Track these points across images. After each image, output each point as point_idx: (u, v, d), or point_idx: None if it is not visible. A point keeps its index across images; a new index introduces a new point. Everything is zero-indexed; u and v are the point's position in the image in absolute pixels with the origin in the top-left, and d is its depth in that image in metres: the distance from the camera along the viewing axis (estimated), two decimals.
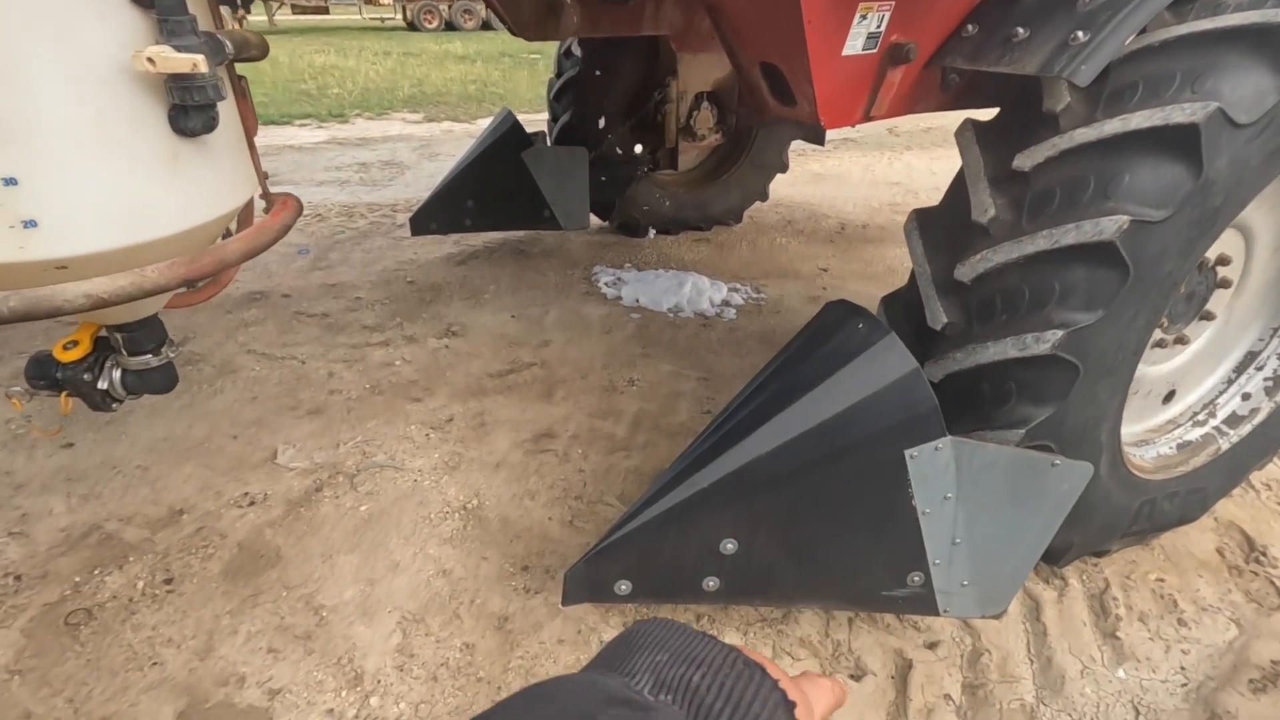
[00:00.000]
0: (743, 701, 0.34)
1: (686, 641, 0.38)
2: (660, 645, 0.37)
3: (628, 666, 0.36)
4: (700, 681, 0.35)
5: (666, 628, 0.39)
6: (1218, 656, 1.64)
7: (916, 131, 7.28)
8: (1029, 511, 1.41)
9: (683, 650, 0.37)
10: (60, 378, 1.26)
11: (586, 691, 0.33)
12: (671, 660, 0.36)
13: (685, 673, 0.35)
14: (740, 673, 0.36)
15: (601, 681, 0.35)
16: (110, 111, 0.89)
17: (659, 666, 0.36)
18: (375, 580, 1.75)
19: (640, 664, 0.36)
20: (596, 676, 0.36)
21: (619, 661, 0.37)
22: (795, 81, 1.43)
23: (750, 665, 0.37)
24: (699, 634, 0.38)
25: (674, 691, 0.34)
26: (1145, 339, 1.43)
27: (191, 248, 1.02)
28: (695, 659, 0.36)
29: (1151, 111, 1.21)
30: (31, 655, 1.53)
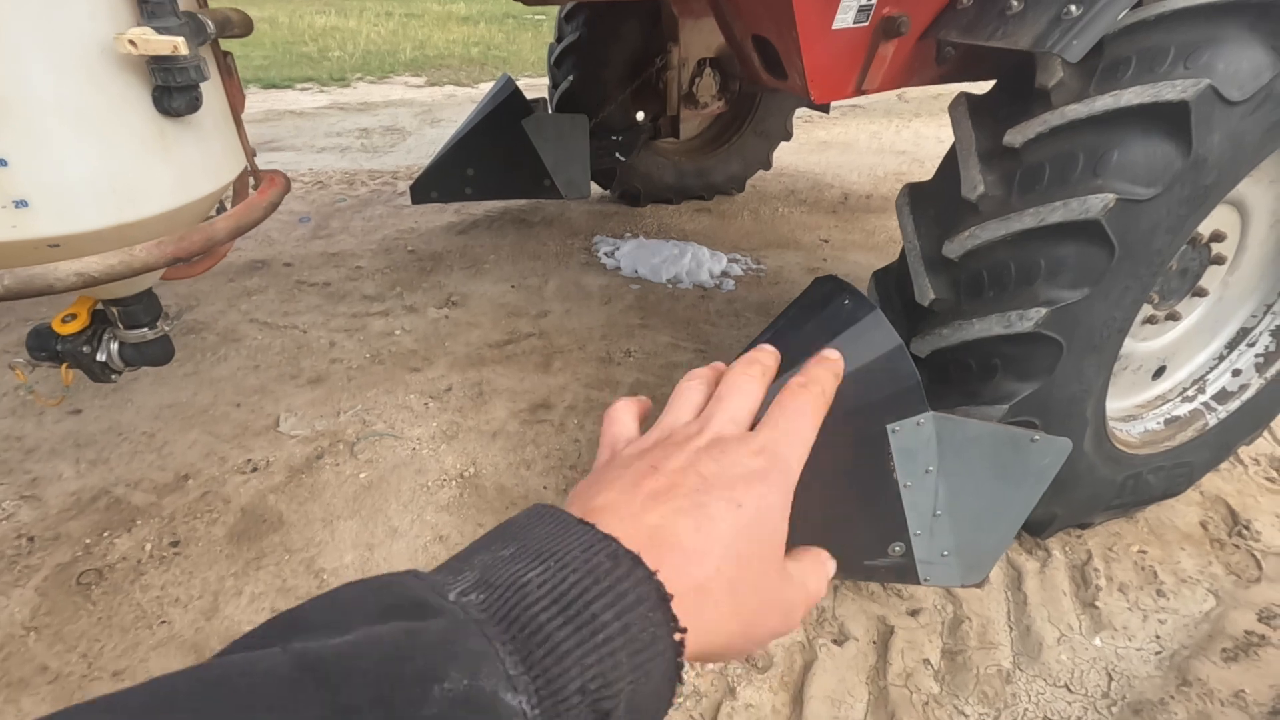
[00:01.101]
0: (579, 600, 0.28)
1: (551, 534, 0.32)
2: (516, 537, 0.32)
3: (465, 563, 0.31)
4: (533, 579, 0.29)
5: (539, 516, 0.34)
6: (1193, 626, 1.68)
7: (926, 98, 7.15)
8: (1009, 485, 1.44)
9: (537, 543, 0.31)
10: (60, 350, 1.30)
11: (372, 597, 0.29)
12: (515, 555, 0.31)
13: (520, 570, 0.30)
14: (595, 567, 0.30)
15: (399, 588, 0.30)
16: (97, 92, 0.90)
17: (496, 562, 0.30)
18: (374, 545, 1.81)
19: (480, 560, 0.31)
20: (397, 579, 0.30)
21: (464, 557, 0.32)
22: (786, 55, 1.42)
23: (617, 557, 0.31)
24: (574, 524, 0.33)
25: (492, 590, 0.29)
26: (1133, 316, 1.43)
27: (180, 225, 1.04)
28: (544, 553, 0.31)
29: (1143, 88, 1.20)
30: (46, 613, 1.60)
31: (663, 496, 0.37)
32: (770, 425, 0.43)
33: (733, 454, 0.40)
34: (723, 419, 0.44)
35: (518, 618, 0.28)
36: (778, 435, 0.42)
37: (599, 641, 0.29)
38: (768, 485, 0.39)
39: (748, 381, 0.48)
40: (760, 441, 0.42)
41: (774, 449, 0.41)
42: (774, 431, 0.43)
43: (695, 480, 0.38)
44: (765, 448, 0.41)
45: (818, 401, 0.46)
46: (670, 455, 0.40)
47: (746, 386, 0.47)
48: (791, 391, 0.45)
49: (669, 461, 0.40)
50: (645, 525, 0.35)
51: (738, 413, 0.45)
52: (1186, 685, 1.54)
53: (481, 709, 0.26)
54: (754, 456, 0.40)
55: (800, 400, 0.45)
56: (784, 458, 0.41)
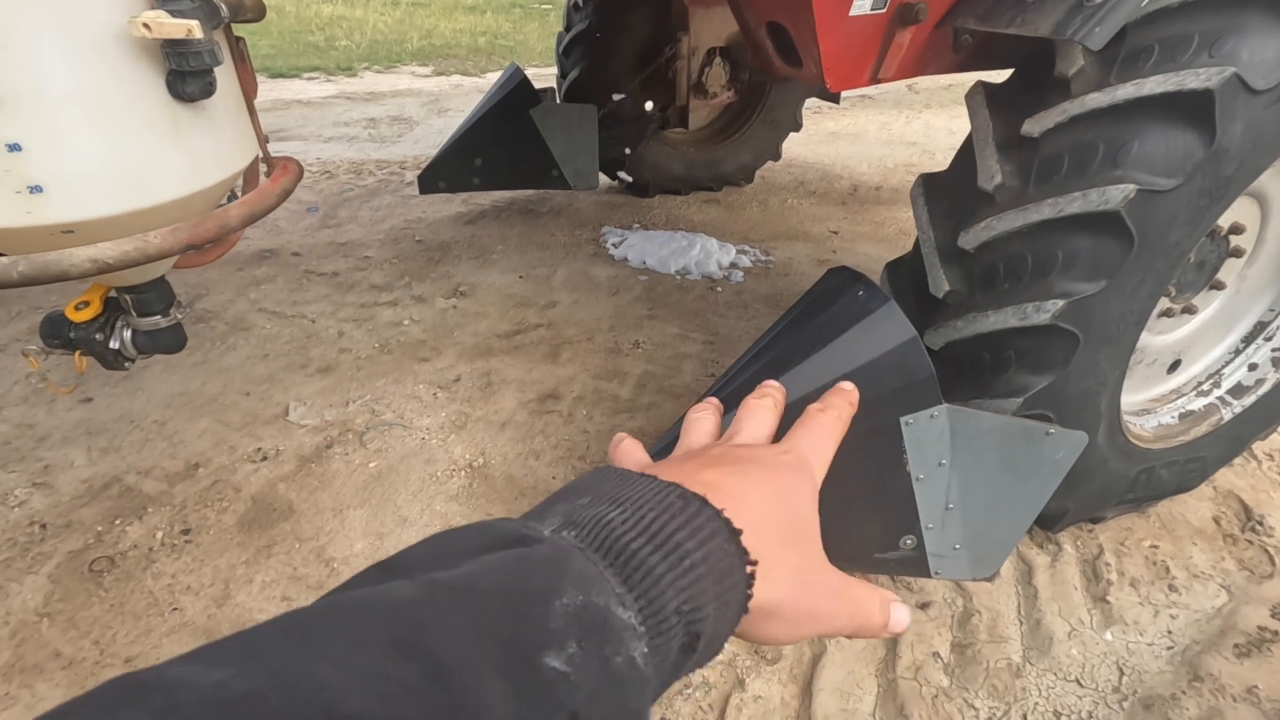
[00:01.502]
0: (662, 532, 0.31)
1: (620, 484, 0.34)
2: (589, 489, 0.35)
3: (547, 512, 0.34)
4: (615, 516, 0.31)
5: (606, 474, 0.36)
6: (1205, 621, 1.67)
7: (937, 89, 7.08)
8: (1022, 479, 1.43)
9: (611, 491, 0.34)
10: (73, 337, 1.30)
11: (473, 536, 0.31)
12: (593, 501, 0.33)
13: (601, 510, 0.32)
14: (669, 505, 0.32)
15: (497, 526, 0.32)
16: (110, 77, 0.89)
17: (576, 509, 0.33)
18: (384, 534, 1.81)
19: (559, 509, 0.33)
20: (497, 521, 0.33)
21: (543, 509, 0.35)
22: (801, 42, 1.40)
23: (686, 497, 0.33)
24: (638, 475, 0.35)
25: (580, 528, 0.31)
26: (1149, 309, 1.42)
27: (194, 212, 1.03)
28: (620, 498, 0.33)
29: (1165, 76, 1.18)
30: (59, 599, 1.61)
31: (710, 464, 0.40)
32: (794, 436, 0.46)
33: (760, 450, 0.44)
34: (744, 436, 0.48)
35: (611, 547, 0.30)
36: (801, 445, 0.45)
37: (687, 567, 0.31)
38: (796, 476, 0.42)
39: (762, 410, 0.50)
40: (786, 445, 0.45)
41: (798, 452, 0.44)
42: (799, 441, 0.46)
43: (734, 458, 0.41)
44: (790, 450, 0.44)
45: (836, 424, 0.48)
46: (706, 450, 0.44)
47: (761, 414, 0.50)
48: (811, 414, 0.49)
49: (707, 451, 0.43)
50: (700, 479, 0.37)
51: (757, 434, 0.48)
52: (1198, 681, 1.53)
53: (598, 623, 0.28)
54: (782, 454, 0.43)
55: (820, 420, 0.48)
56: (807, 460, 0.44)
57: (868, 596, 0.43)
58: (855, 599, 0.42)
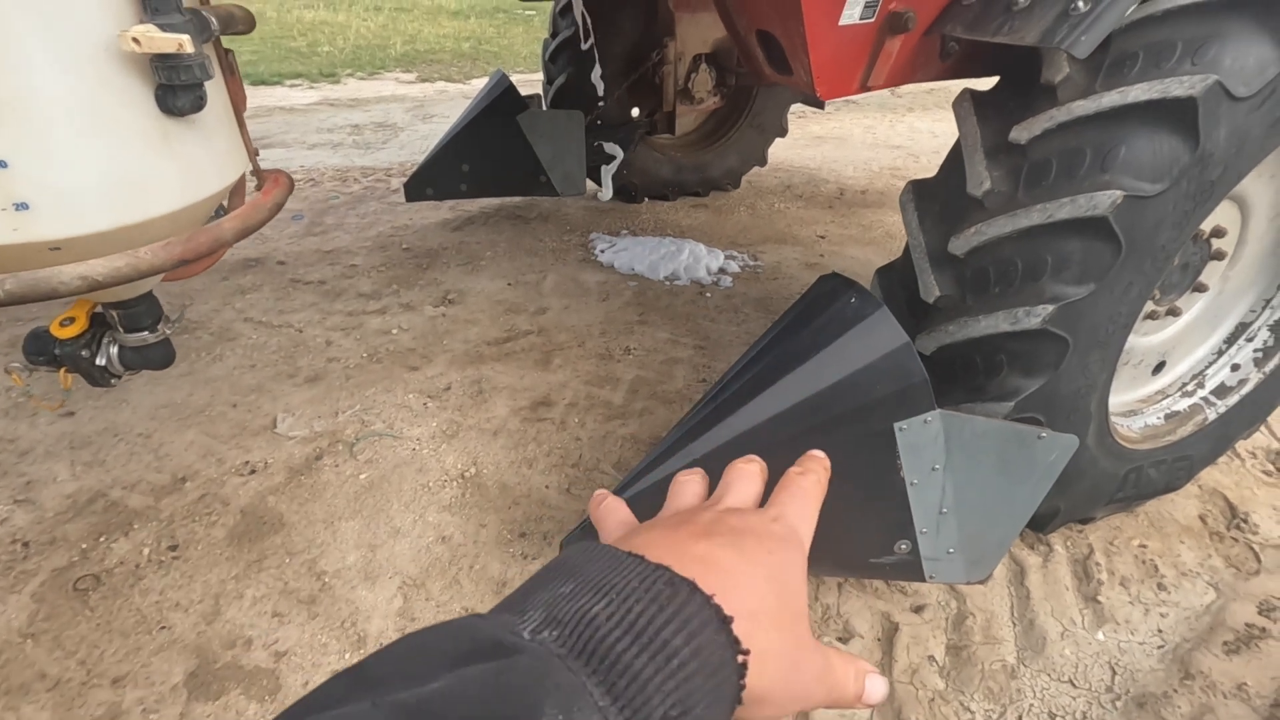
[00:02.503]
0: (649, 628, 0.29)
1: (604, 567, 0.33)
2: (572, 574, 0.33)
3: (526, 603, 0.32)
4: (600, 611, 0.30)
5: (589, 553, 0.34)
6: (1195, 619, 1.69)
7: (920, 93, 7.16)
8: (1015, 482, 1.44)
9: (594, 577, 0.32)
10: (58, 354, 1.27)
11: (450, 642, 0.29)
12: (576, 590, 0.31)
13: (585, 604, 0.30)
14: (657, 595, 0.30)
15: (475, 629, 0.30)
16: (99, 91, 0.88)
17: (557, 600, 0.31)
18: (376, 546, 1.79)
19: (540, 599, 0.32)
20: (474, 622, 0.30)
21: (522, 597, 0.33)
22: (791, 50, 1.41)
23: (675, 584, 0.31)
24: (625, 557, 0.33)
25: (563, 626, 0.30)
26: (1137, 311, 1.43)
27: (184, 227, 1.02)
28: (604, 586, 0.31)
29: (1150, 84, 1.20)
30: (44, 619, 1.58)
31: (702, 536, 0.38)
32: (779, 501, 0.46)
33: (752, 518, 0.42)
34: (732, 499, 0.47)
35: (594, 650, 0.29)
36: (788, 510, 0.45)
37: (674, 667, 0.29)
38: (787, 549, 0.41)
39: (749, 475, 0.50)
40: (775, 512, 0.44)
41: (787, 520, 0.43)
42: (785, 506, 0.45)
43: (727, 528, 0.40)
44: (780, 518, 0.43)
45: (816, 490, 0.48)
46: (696, 515, 0.42)
47: (749, 478, 0.49)
48: (792, 478, 0.48)
49: (697, 517, 0.42)
50: (692, 555, 0.36)
51: (745, 497, 0.47)
52: (1189, 678, 1.55)
53: None
54: (773, 522, 0.42)
55: (802, 484, 0.48)
56: (797, 530, 0.43)
57: (844, 670, 0.42)
58: (834, 676, 0.41)
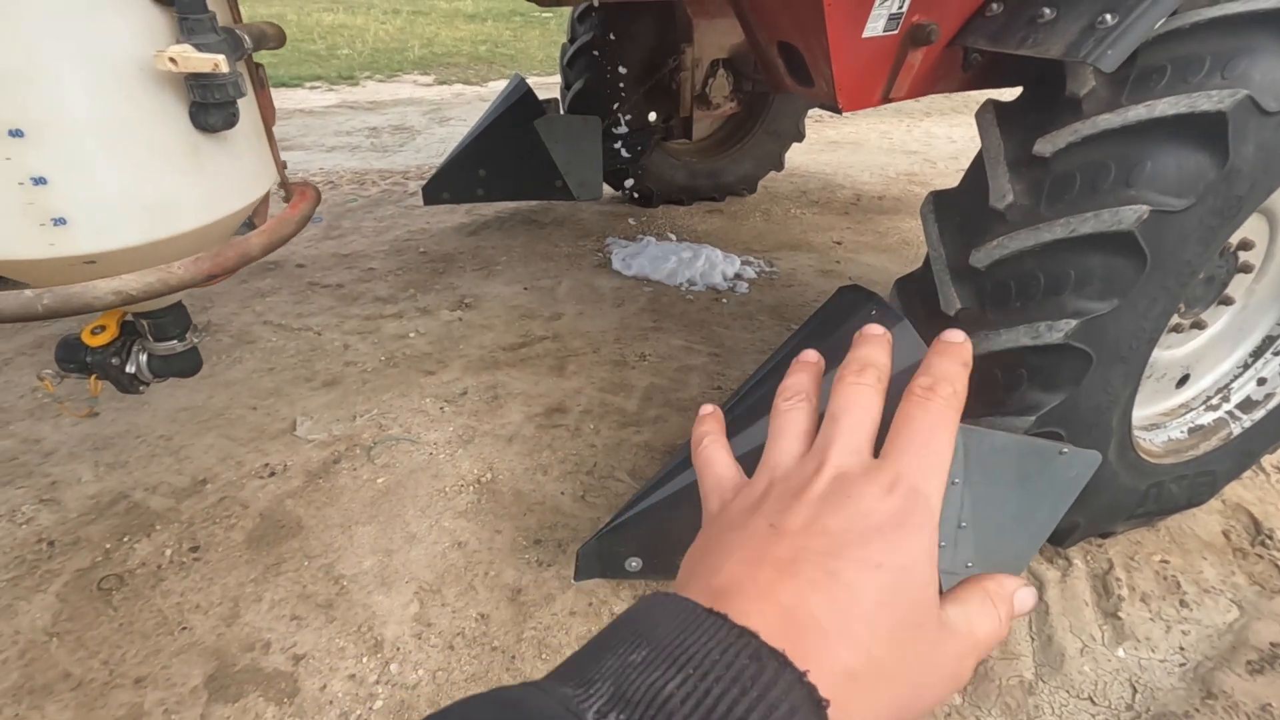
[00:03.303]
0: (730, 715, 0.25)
1: (682, 630, 0.29)
2: (646, 637, 0.29)
3: (593, 671, 0.28)
4: (675, 691, 0.26)
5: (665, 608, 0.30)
6: (1217, 637, 1.67)
7: (937, 98, 7.11)
8: (1036, 497, 1.42)
9: (671, 644, 0.28)
10: (89, 361, 1.30)
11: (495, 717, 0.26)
12: (648, 660, 0.28)
13: (659, 679, 0.27)
14: (740, 671, 0.27)
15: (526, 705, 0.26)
16: (134, 110, 0.89)
17: (628, 670, 0.27)
18: (393, 551, 1.81)
19: (609, 667, 0.28)
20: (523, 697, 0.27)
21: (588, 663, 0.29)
22: (813, 62, 1.40)
23: (761, 658, 0.27)
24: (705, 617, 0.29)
25: (633, 708, 0.26)
26: (1162, 327, 1.42)
27: (213, 241, 1.03)
28: (681, 657, 0.27)
29: (1178, 98, 1.19)
30: (67, 619, 1.60)
31: (790, 568, 0.32)
32: (899, 450, 0.37)
33: (861, 498, 0.35)
34: (841, 449, 0.38)
35: None
36: (910, 462, 0.36)
37: None
38: (906, 533, 0.34)
39: (863, 393, 0.40)
40: (891, 474, 0.36)
41: (909, 481, 0.35)
42: (905, 458, 0.36)
43: (823, 542, 0.33)
44: (897, 482, 0.35)
45: (949, 407, 0.38)
46: (789, 509, 0.36)
47: (863, 399, 0.40)
48: (916, 401, 0.38)
49: (788, 518, 0.35)
50: (780, 607, 0.31)
51: (857, 439, 0.39)
52: (1211, 698, 1.53)
53: None
54: (886, 496, 0.35)
55: (930, 411, 0.38)
56: (922, 492, 0.35)
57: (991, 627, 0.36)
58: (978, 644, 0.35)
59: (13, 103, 0.80)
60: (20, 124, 0.80)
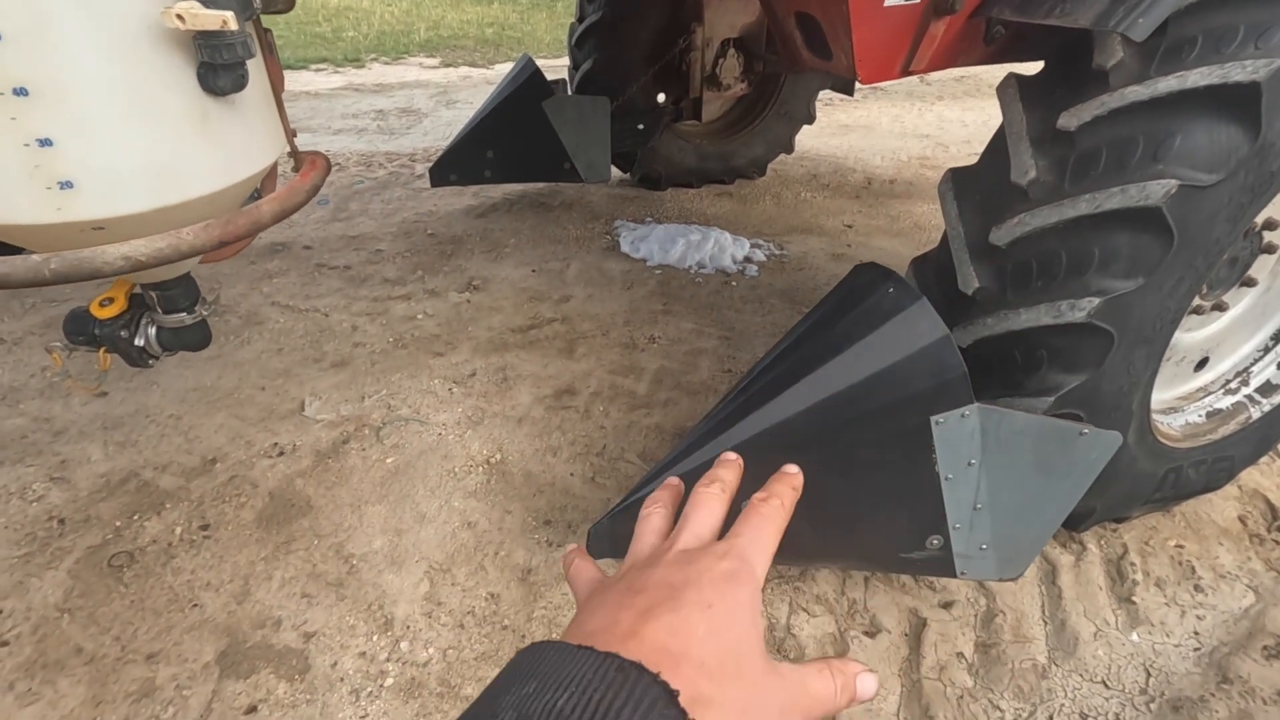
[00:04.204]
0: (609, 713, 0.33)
1: (561, 662, 0.36)
2: (532, 672, 0.36)
3: (495, 706, 0.35)
4: (565, 704, 0.33)
5: (543, 651, 0.38)
6: (1233, 623, 1.65)
7: (949, 81, 7.01)
8: (1054, 479, 1.41)
9: (554, 674, 0.36)
10: (97, 334, 1.28)
11: None
12: (539, 689, 0.35)
13: (551, 699, 0.34)
14: (612, 681, 0.34)
15: None
16: (141, 70, 0.87)
17: (525, 699, 0.34)
18: (403, 531, 1.80)
19: (508, 701, 0.35)
20: None
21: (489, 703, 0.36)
22: (833, 33, 1.37)
23: (624, 669, 0.35)
24: (577, 651, 0.37)
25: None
26: (1186, 306, 1.39)
27: (223, 208, 1.02)
28: (565, 680, 0.35)
29: (1210, 69, 1.15)
30: (79, 595, 1.60)
31: (643, 611, 0.41)
32: (734, 534, 0.47)
33: (700, 561, 0.44)
34: (688, 536, 0.48)
35: None
36: (742, 541, 0.46)
37: None
38: (734, 584, 0.42)
39: (710, 499, 0.51)
40: (725, 547, 0.45)
41: (738, 552, 0.45)
42: (738, 539, 0.46)
43: (667, 591, 0.42)
44: (730, 552, 0.45)
45: (778, 513, 0.49)
46: (643, 574, 0.45)
47: (709, 504, 0.50)
48: (754, 506, 0.49)
49: (642, 579, 0.44)
50: (635, 638, 0.39)
51: (701, 529, 0.48)
52: (1227, 683, 1.52)
53: None
54: (720, 560, 0.44)
55: (762, 511, 0.48)
56: (749, 560, 0.44)
57: (823, 685, 0.43)
58: (811, 695, 0.43)
59: (17, 60, 0.78)
60: (25, 82, 0.78)
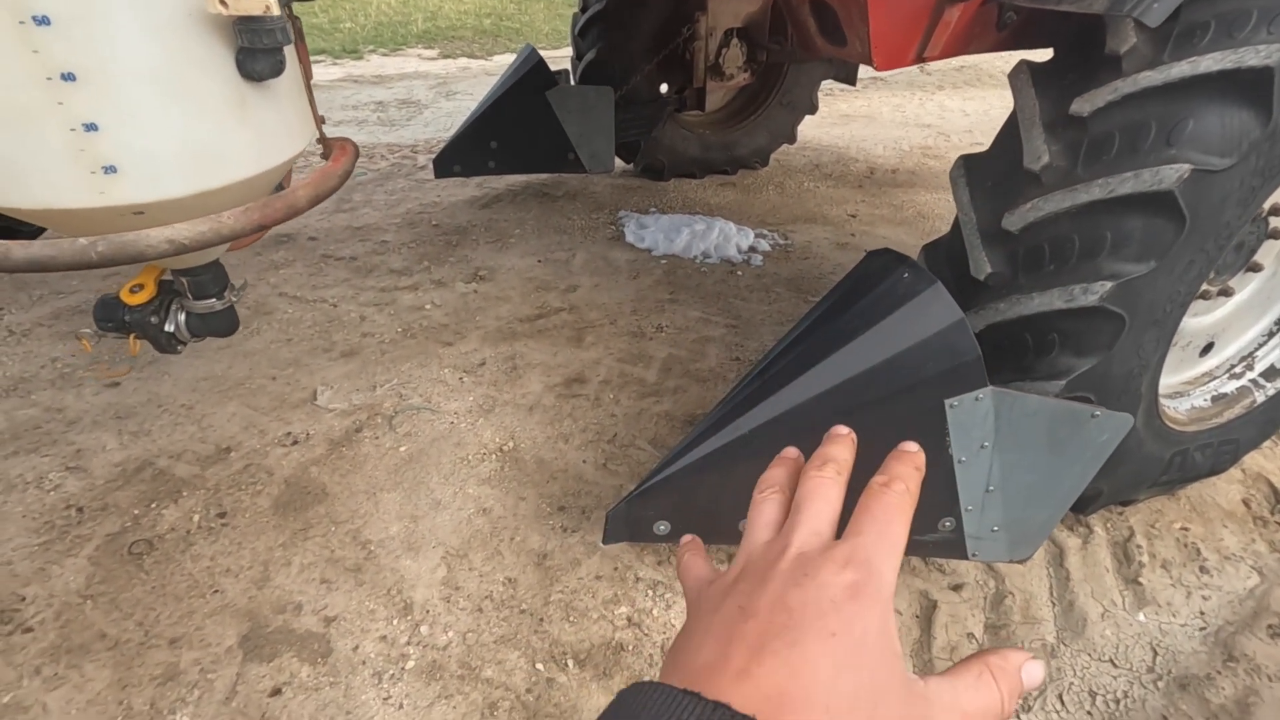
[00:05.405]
0: None
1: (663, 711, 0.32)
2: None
3: None
4: None
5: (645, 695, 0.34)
6: (1238, 603, 1.68)
7: (949, 71, 7.01)
8: (1065, 461, 1.43)
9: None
10: (128, 320, 1.29)
11: None
12: None
13: None
14: None
15: None
16: (183, 56, 0.88)
17: None
18: (418, 517, 1.82)
19: None
20: None
21: None
22: (848, 19, 1.38)
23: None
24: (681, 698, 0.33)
25: None
26: (1195, 290, 1.41)
27: (258, 193, 1.03)
28: None
29: (1223, 54, 1.17)
30: (100, 581, 1.62)
31: (757, 645, 0.36)
32: (857, 532, 0.41)
33: (820, 574, 0.39)
34: (804, 533, 0.42)
35: None
36: (866, 542, 0.40)
37: None
38: (860, 604, 0.37)
39: (825, 485, 0.45)
40: (847, 552, 0.40)
41: (863, 558, 0.39)
42: (861, 539, 0.41)
43: (785, 619, 0.37)
44: (853, 558, 0.39)
45: (904, 501, 0.43)
46: (756, 591, 0.39)
47: (824, 491, 0.45)
48: (874, 493, 0.43)
49: (756, 599, 0.39)
50: (750, 680, 0.34)
51: (819, 523, 0.43)
52: (1233, 661, 1.54)
53: None
54: (842, 571, 0.38)
55: (885, 501, 0.42)
56: (876, 568, 0.39)
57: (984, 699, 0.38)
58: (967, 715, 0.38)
59: (66, 45, 0.79)
60: (73, 67, 0.79)
